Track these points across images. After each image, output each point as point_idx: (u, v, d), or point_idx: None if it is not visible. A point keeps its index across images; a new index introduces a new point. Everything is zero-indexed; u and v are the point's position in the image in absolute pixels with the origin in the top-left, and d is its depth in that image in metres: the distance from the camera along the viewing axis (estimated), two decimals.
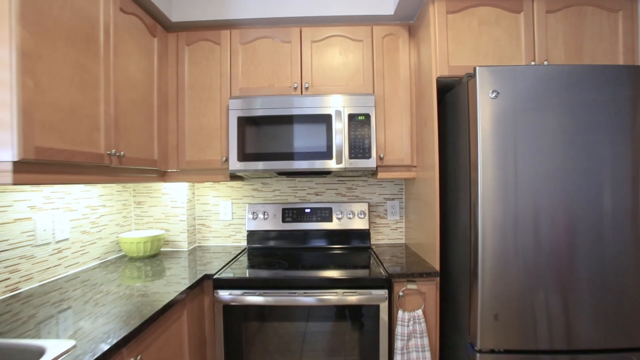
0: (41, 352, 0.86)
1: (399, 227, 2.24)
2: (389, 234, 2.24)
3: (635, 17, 1.58)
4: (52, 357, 0.82)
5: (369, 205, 2.23)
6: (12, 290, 1.30)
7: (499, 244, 1.31)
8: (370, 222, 2.22)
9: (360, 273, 1.58)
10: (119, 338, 0.94)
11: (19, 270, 1.34)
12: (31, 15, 1.03)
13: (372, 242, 2.24)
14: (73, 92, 1.20)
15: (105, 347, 0.89)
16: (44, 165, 1.09)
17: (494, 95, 1.30)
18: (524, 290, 1.30)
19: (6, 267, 1.28)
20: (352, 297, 1.51)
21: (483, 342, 1.33)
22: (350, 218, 2.14)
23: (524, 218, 1.30)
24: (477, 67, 1.31)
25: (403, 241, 2.24)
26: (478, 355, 1.34)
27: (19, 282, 1.34)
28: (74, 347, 0.89)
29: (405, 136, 1.87)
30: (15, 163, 1.00)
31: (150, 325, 1.10)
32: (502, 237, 1.31)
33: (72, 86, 1.19)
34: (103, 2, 1.37)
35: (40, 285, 1.40)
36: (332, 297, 1.51)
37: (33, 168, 1.05)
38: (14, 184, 1.01)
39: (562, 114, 1.30)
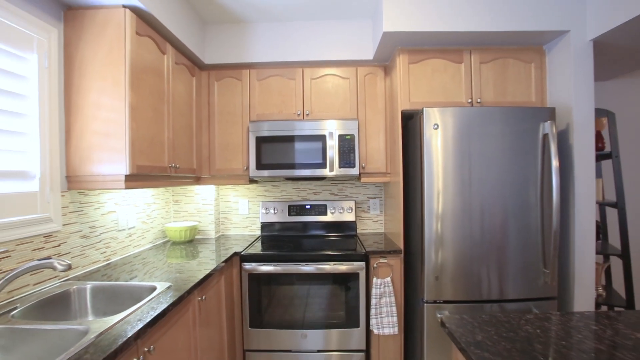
0: (153, 288, 1.47)
1: (379, 220, 2.86)
2: (371, 225, 2.86)
3: (544, 67, 2.20)
4: (161, 290, 1.43)
5: (356, 203, 2.85)
6: (106, 260, 1.91)
7: (438, 229, 1.92)
8: (356, 216, 2.84)
9: (347, 251, 2.19)
10: (193, 283, 1.55)
11: (110, 246, 1.94)
12: (134, 83, 1.64)
13: (358, 231, 2.85)
14: (152, 127, 1.80)
15: (189, 286, 1.50)
16: (139, 176, 1.70)
17: (435, 127, 1.92)
18: (454, 259, 1.92)
19: (104, 244, 1.89)
20: (341, 267, 2.12)
21: (428, 296, 1.94)
22: (341, 212, 2.75)
23: (455, 211, 1.92)
24: (424, 108, 1.93)
25: (382, 231, 2.85)
26: (425, 305, 1.95)
27: (110, 255, 1.94)
28: (170, 286, 1.49)
29: (381, 150, 2.48)
30: (126, 175, 1.60)
31: (208, 279, 1.71)
32: (440, 224, 1.92)
33: (151, 123, 1.80)
34: (166, 59, 1.97)
35: (120, 259, 2.01)
36: (326, 266, 2.12)
37: (134, 178, 1.66)
38: (125, 188, 1.62)
39: (482, 139, 1.91)
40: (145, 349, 1.12)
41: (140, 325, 1.08)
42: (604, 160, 2.54)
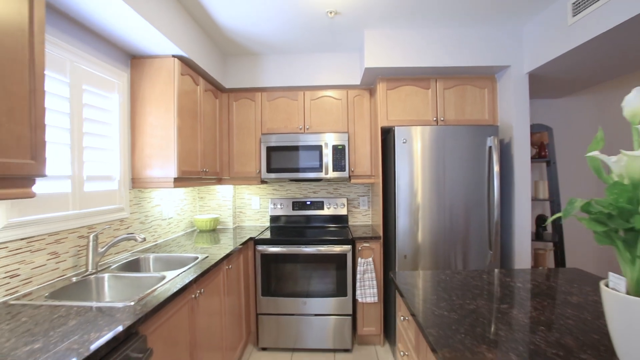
0: (195, 258, 2.08)
1: (367, 214, 3.45)
2: (360, 218, 3.45)
3: (495, 92, 2.76)
4: (202, 259, 2.03)
5: (348, 200, 3.44)
6: (154, 240, 2.53)
7: (405, 220, 2.51)
8: (348, 211, 3.43)
9: (340, 237, 2.78)
10: (222, 256, 2.15)
11: (157, 231, 2.57)
12: (179, 109, 2.25)
13: (349, 223, 3.45)
14: (190, 141, 2.42)
15: (220, 256, 2.10)
16: (182, 179, 2.32)
17: (404, 141, 2.51)
18: (417, 243, 2.50)
19: (153, 229, 2.51)
20: (334, 249, 2.72)
21: (399, 270, 2.53)
22: (335, 208, 3.35)
23: (419, 206, 2.50)
24: (395, 127, 2.51)
25: (370, 223, 3.44)
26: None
27: (157, 237, 2.56)
28: (207, 257, 2.10)
29: (367, 157, 3.07)
30: (174, 178, 2.22)
31: (232, 254, 2.32)
32: (408, 216, 2.51)
33: (190, 138, 2.41)
34: (198, 89, 2.59)
35: (163, 241, 2.63)
36: (323, 248, 2.72)
37: (179, 180, 2.28)
38: (173, 187, 2.24)
39: (442, 151, 2.49)
40: (198, 291, 1.73)
41: (195, 275, 1.69)
42: (549, 167, 3.10)
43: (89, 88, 1.86)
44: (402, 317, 1.49)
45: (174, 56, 2.22)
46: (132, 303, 1.28)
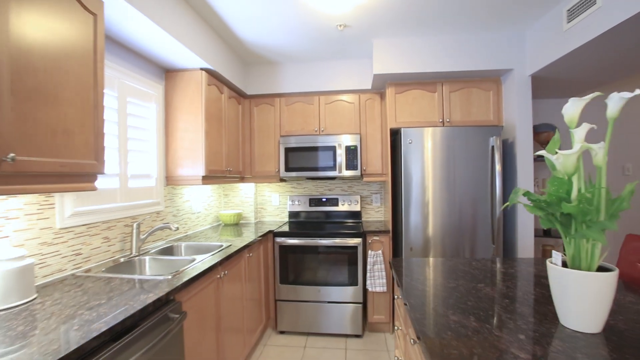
0: (220, 246, 2.37)
1: (380, 210, 3.65)
2: (373, 214, 3.66)
3: (501, 94, 2.90)
4: (226, 246, 2.32)
5: (361, 197, 3.65)
6: (185, 232, 2.85)
7: (412, 215, 2.70)
8: (361, 207, 3.65)
9: (351, 231, 3.01)
10: (243, 245, 2.43)
11: (187, 224, 2.89)
12: (207, 116, 2.56)
13: (362, 219, 3.66)
14: (216, 143, 2.72)
15: (242, 245, 2.38)
16: (209, 177, 2.62)
17: (409, 142, 2.70)
18: (422, 236, 2.69)
19: (184, 222, 2.83)
20: (346, 242, 2.94)
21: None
22: (349, 204, 3.57)
23: (423, 202, 2.68)
24: (402, 128, 2.71)
25: (382, 219, 3.64)
26: None
27: (188, 230, 2.89)
28: (230, 245, 2.38)
29: (378, 157, 3.27)
30: (202, 176, 2.52)
31: (252, 244, 2.59)
32: (414, 211, 2.70)
33: (215, 141, 2.71)
34: (223, 96, 2.89)
35: (193, 232, 2.95)
36: (337, 240, 2.95)
37: (206, 178, 2.58)
38: (202, 184, 2.54)
39: (446, 150, 2.67)
40: (223, 272, 2.01)
41: (220, 258, 1.97)
42: None
43: (131, 100, 2.18)
44: (396, 296, 1.70)
45: (201, 69, 2.52)
46: (169, 277, 1.57)
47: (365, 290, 3.00)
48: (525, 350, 0.89)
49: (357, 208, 3.56)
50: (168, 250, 2.33)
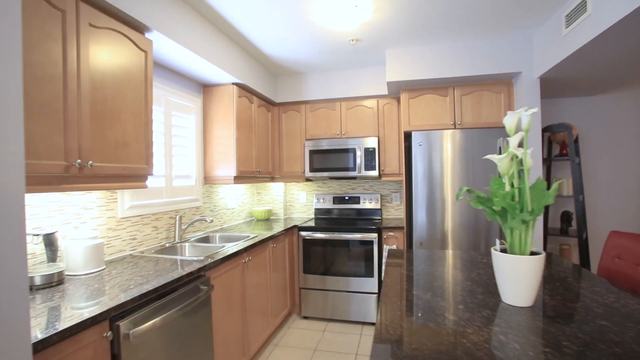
0: (247, 236, 2.76)
1: (400, 208, 3.86)
2: (393, 212, 3.87)
3: (512, 95, 2.99)
4: (253, 236, 2.70)
5: (381, 195, 3.88)
6: (220, 225, 3.28)
7: (423, 213, 2.90)
8: (382, 205, 3.88)
9: (367, 227, 3.26)
10: (269, 235, 2.79)
11: (222, 218, 3.32)
12: (238, 124, 2.96)
13: (383, 216, 3.89)
14: (245, 148, 3.12)
15: (267, 236, 2.75)
16: (240, 177, 3.02)
17: (420, 144, 2.90)
18: (430, 233, 2.88)
19: (219, 217, 3.27)
20: (366, 236, 3.21)
21: None
22: (370, 202, 3.82)
23: (431, 201, 2.87)
24: (412, 131, 2.92)
25: (402, 216, 3.84)
26: None
27: (223, 223, 3.32)
28: (257, 235, 2.76)
29: (395, 158, 3.49)
30: (234, 176, 2.93)
31: (277, 236, 2.95)
32: (424, 209, 2.90)
33: (245, 146, 3.11)
34: (253, 106, 3.28)
35: (228, 226, 3.38)
36: (358, 235, 3.23)
37: (238, 178, 2.98)
38: (234, 184, 2.95)
39: (458, 151, 2.84)
40: (248, 258, 2.38)
41: (245, 245, 2.34)
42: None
43: (175, 113, 2.63)
44: None
45: (232, 83, 2.93)
46: (202, 257, 1.96)
47: (380, 281, 3.25)
48: (457, 315, 1.13)
49: (378, 206, 3.80)
50: (205, 239, 2.76)
